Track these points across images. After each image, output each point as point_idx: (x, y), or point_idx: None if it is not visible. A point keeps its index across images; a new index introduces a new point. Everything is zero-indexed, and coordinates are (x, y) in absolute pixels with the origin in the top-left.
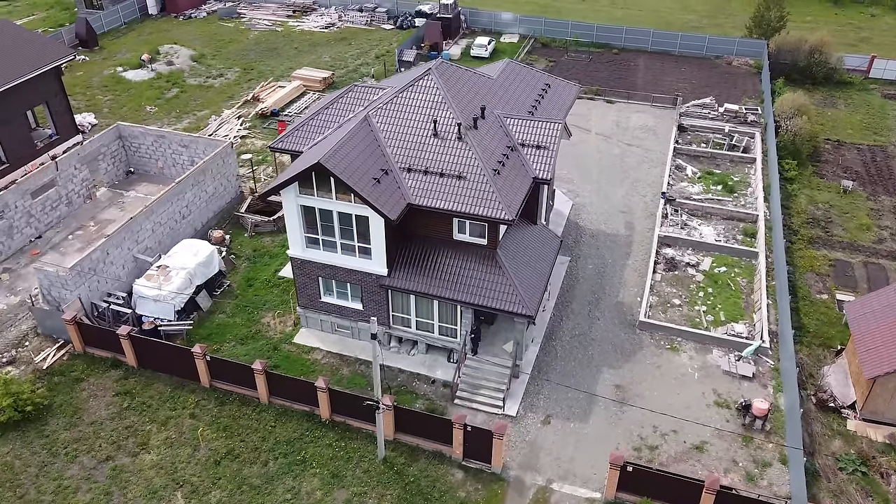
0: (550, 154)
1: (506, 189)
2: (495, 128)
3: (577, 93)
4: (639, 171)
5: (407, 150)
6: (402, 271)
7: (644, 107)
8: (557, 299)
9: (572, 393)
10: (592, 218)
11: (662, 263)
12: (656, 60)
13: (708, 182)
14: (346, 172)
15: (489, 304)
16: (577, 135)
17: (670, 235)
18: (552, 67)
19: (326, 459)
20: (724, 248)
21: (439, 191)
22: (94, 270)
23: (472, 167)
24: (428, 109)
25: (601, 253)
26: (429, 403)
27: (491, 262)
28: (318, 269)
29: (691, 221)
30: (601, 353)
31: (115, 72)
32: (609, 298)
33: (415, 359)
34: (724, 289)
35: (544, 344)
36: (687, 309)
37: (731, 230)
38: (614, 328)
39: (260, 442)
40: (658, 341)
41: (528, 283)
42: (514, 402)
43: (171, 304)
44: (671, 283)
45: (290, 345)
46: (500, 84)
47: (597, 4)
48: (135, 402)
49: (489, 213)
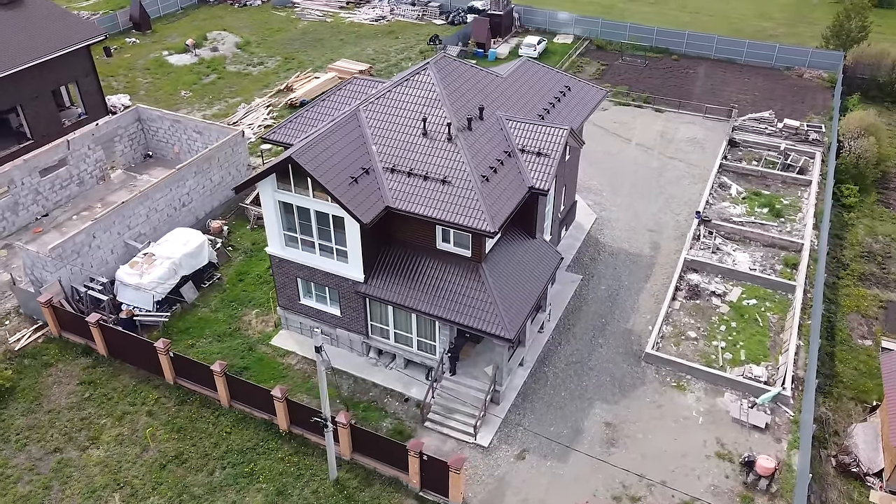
0: (551, 163)
1: (493, 198)
2: (494, 130)
3: (601, 98)
4: (676, 187)
5: (393, 149)
6: (380, 279)
7: (695, 118)
8: (560, 321)
9: (556, 426)
10: (615, 234)
11: (684, 290)
12: (718, 69)
13: (753, 203)
14: (319, 169)
15: (466, 321)
16: (616, 144)
17: (698, 260)
18: (603, 71)
19: (276, 474)
20: (757, 279)
21: (421, 195)
22: (77, 253)
23: (458, 171)
24: (420, 106)
25: (618, 273)
26: (397, 424)
27: (473, 277)
28: (297, 270)
29: (725, 246)
30: (597, 385)
31: (161, 55)
32: (617, 324)
33: (391, 373)
34: (751, 324)
35: (536, 369)
36: (703, 343)
37: (770, 259)
38: (617, 358)
39: (212, 448)
40: (664, 377)
41: (513, 302)
42: (488, 432)
43: (150, 293)
44: (690, 313)
45: (267, 346)
46: (510, 83)
47: (665, 7)
48: (96, 393)
49: (470, 223)
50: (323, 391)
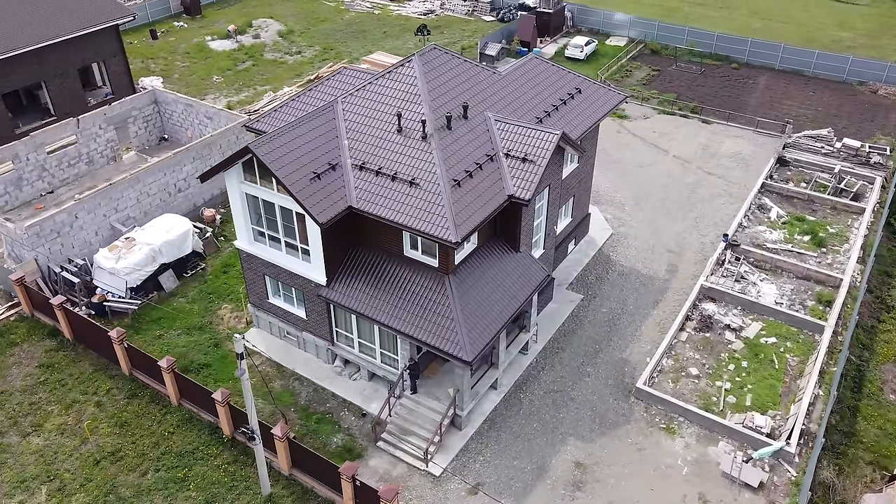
0: (536, 170)
1: (463, 205)
2: (479, 131)
3: (616, 102)
4: (709, 206)
5: (365, 145)
6: (344, 283)
7: (745, 132)
8: (548, 343)
9: (520, 460)
10: (630, 253)
11: (695, 321)
12: (781, 80)
13: (794, 230)
14: (278, 161)
15: (423, 337)
16: (650, 155)
17: (717, 288)
18: (653, 77)
19: (208, 483)
20: (781, 314)
21: (386, 196)
22: (57, 233)
23: (428, 173)
24: (399, 101)
25: (624, 296)
26: (348, 441)
27: (438, 289)
28: (264, 267)
29: (751, 274)
30: (575, 419)
31: (204, 41)
32: (612, 353)
33: (354, 385)
34: (765, 365)
35: (511, 394)
36: (705, 383)
37: (801, 293)
38: (603, 390)
39: (151, 447)
40: (652, 417)
41: (479, 321)
42: (443, 459)
43: (123, 278)
44: (697, 347)
45: (232, 344)
46: (508, 81)
47: (735, 12)
48: (52, 378)
49: (431, 231)
50: (249, 402)
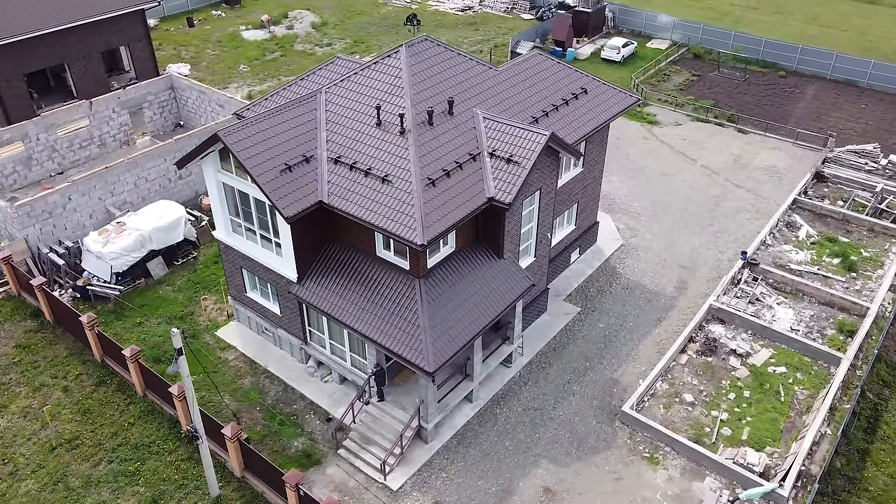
0: (520, 172)
1: (435, 205)
2: (464, 128)
3: (627, 105)
4: (732, 221)
5: (343, 138)
6: (315, 281)
7: (783, 144)
8: (535, 357)
9: (486, 480)
10: (638, 266)
11: (699, 343)
12: (831, 90)
13: (823, 251)
14: (248, 151)
15: (387, 343)
16: (676, 164)
17: (727, 309)
18: (692, 82)
19: (158, 479)
20: (796, 342)
21: (357, 192)
22: (49, 214)
23: (401, 170)
24: (381, 93)
25: (625, 312)
26: (309, 445)
27: (408, 293)
28: (241, 259)
29: (768, 297)
30: (551, 440)
31: (238, 30)
32: (602, 371)
33: (325, 388)
34: (769, 397)
35: (487, 408)
36: (700, 411)
37: (822, 320)
38: (587, 412)
39: (108, 438)
40: (636, 444)
41: (448, 330)
42: (404, 473)
43: (109, 263)
44: (697, 372)
45: (212, 336)
46: (505, 78)
47: (790, 18)
48: (27, 359)
49: (397, 231)
50: (190, 400)
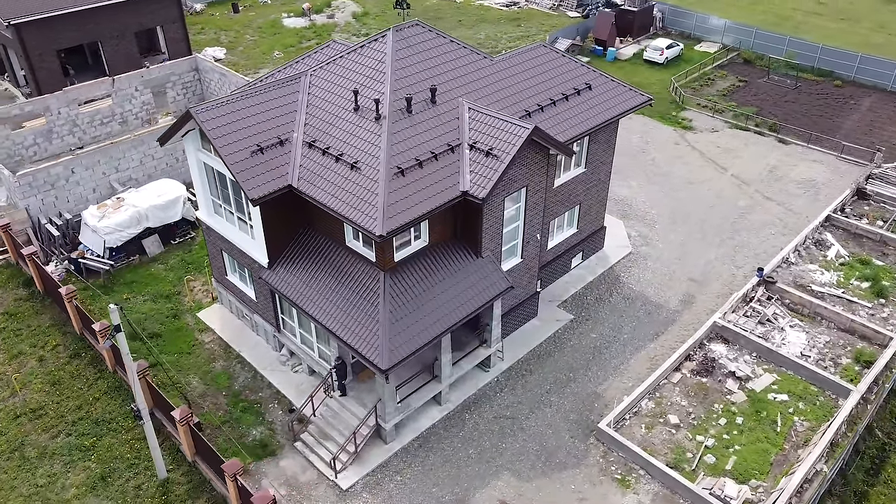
0: (497, 166)
1: (401, 196)
2: (446, 118)
3: (634, 105)
4: (755, 235)
5: (320, 122)
6: (285, 268)
7: (826, 157)
8: (517, 363)
9: (441, 488)
10: (644, 276)
11: (696, 362)
12: (890, 103)
13: (852, 274)
14: (220, 130)
15: (345, 336)
16: (705, 172)
17: (732, 328)
18: (737, 88)
19: (111, 457)
20: (804, 370)
21: (326, 178)
22: (51, 185)
23: (371, 157)
24: (363, 77)
25: (621, 323)
26: (267, 435)
27: (372, 287)
28: (220, 241)
29: (781, 318)
30: (518, 452)
31: (280, 17)
32: (585, 384)
33: (293, 378)
34: (765, 425)
35: (456, 412)
36: (685, 434)
37: (837, 348)
38: (561, 425)
39: (72, 410)
40: (609, 464)
41: (408, 327)
42: (357, 473)
43: (102, 237)
44: (689, 393)
45: (193, 317)
46: (499, 68)
47: (856, 26)
48: (11, 327)
49: (358, 220)
50: (132, 379)
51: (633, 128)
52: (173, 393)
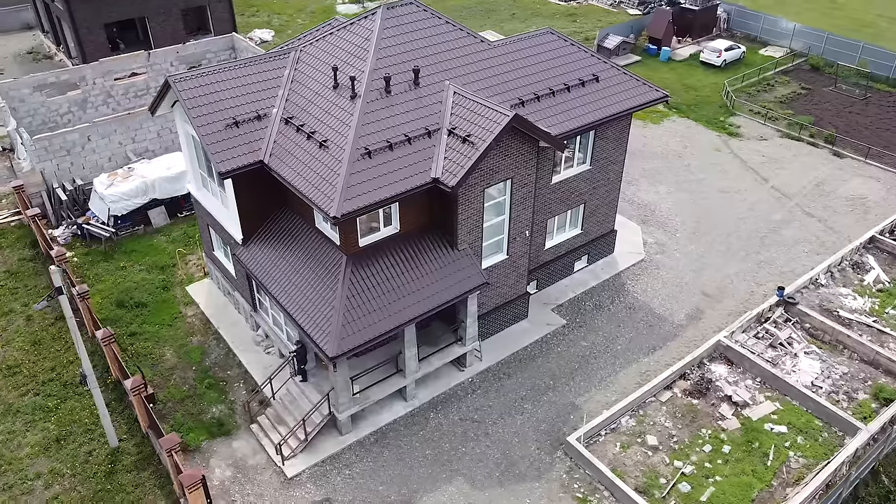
0: (472, 154)
1: (364, 178)
2: (428, 101)
3: (645, 101)
4: (785, 252)
5: (301, 98)
6: (258, 245)
7: (885, 174)
8: (497, 365)
9: (387, 487)
10: (653, 286)
11: (691, 382)
12: None
13: (889, 302)
14: (197, 100)
15: (300, 319)
16: (743, 182)
17: (739, 350)
18: (797, 96)
19: (70, 421)
20: (811, 401)
21: (296, 155)
22: (67, 151)
23: (341, 136)
24: (347, 54)
25: (616, 333)
26: (226, 415)
27: (333, 270)
28: (206, 215)
29: (796, 342)
30: (476, 458)
31: (334, 3)
32: (564, 393)
33: (265, 359)
34: (754, 457)
35: (421, 410)
36: (662, 458)
37: (855, 381)
38: (529, 434)
39: (45, 371)
40: (572, 481)
41: (365, 317)
42: (305, 462)
43: (107, 205)
44: (676, 414)
45: (182, 291)
46: (497, 53)
47: None
48: (9, 285)
49: (317, 199)
50: (77, 343)
51: (675, 131)
52: (146, 363)
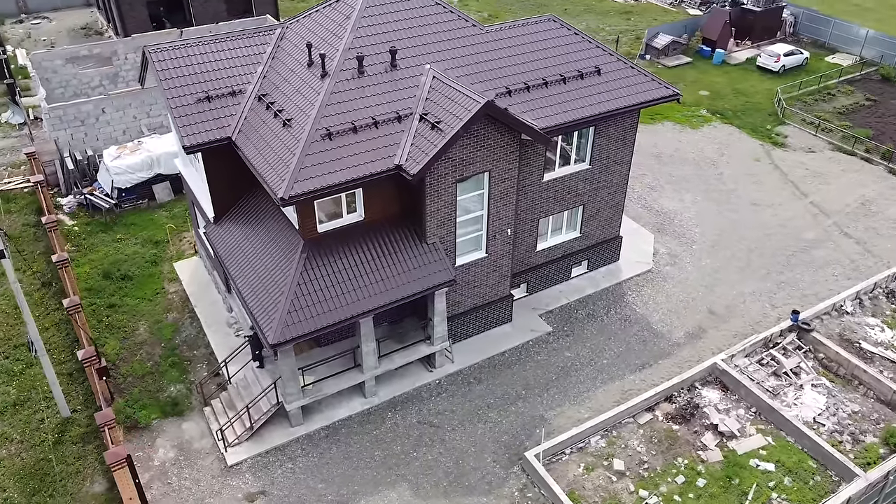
0: (438, 141)
1: (320, 160)
2: (404, 84)
3: (646, 99)
4: (811, 274)
5: (276, 75)
6: (227, 225)
7: None
8: (469, 368)
9: (326, 485)
10: (655, 299)
11: (677, 406)
12: None
13: None
14: (171, 72)
15: (250, 302)
16: (778, 195)
17: (735, 375)
18: (861, 107)
19: (31, 387)
20: (808, 439)
21: (260, 133)
22: (81, 122)
23: (304, 115)
24: (326, 32)
25: (604, 346)
26: (183, 395)
27: (289, 255)
28: (189, 192)
29: (803, 374)
30: (427, 465)
31: None
32: (534, 405)
33: (234, 342)
34: (731, 495)
35: (380, 408)
36: (626, 486)
37: (867, 422)
38: (488, 446)
39: (20, 335)
40: (525, 500)
41: (316, 305)
42: (249, 450)
43: (111, 177)
44: (653, 439)
45: (169, 266)
46: (490, 38)
47: None
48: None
49: (270, 180)
50: (24, 309)
51: (713, 137)
52: (118, 336)
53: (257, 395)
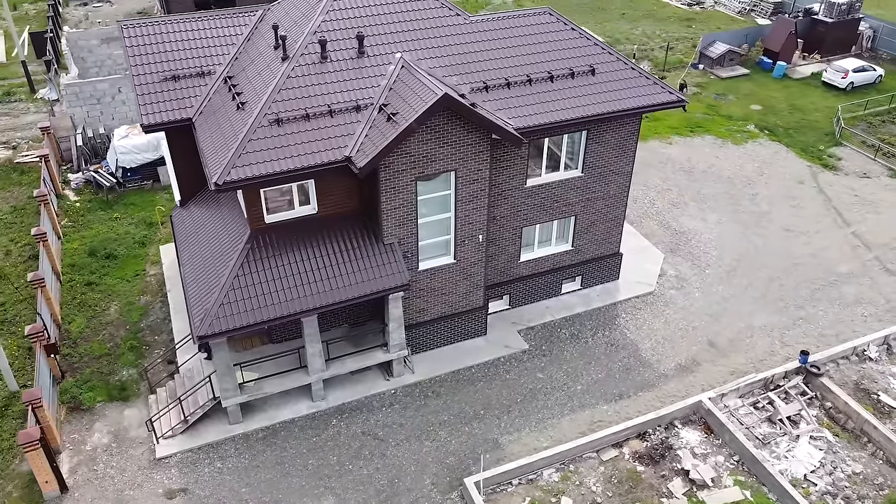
0: (391, 133)
1: (264, 146)
2: (369, 73)
3: (645, 104)
4: (836, 312)
5: (246, 57)
6: (190, 210)
7: None
8: (429, 380)
9: (250, 490)
10: (650, 325)
11: (648, 445)
12: None
13: None
14: (139, 49)
15: (191, 291)
16: (816, 222)
17: (720, 418)
18: None
19: None
20: (791, 499)
21: (217, 115)
22: (97, 100)
23: (258, 99)
24: (298, 15)
25: (583, 371)
26: (133, 380)
27: (235, 244)
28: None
29: (803, 424)
30: (360, 480)
31: None
32: (490, 428)
33: None
34: None
35: (327, 414)
36: None
37: (869, 485)
38: (430, 466)
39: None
40: None
41: (252, 298)
42: (182, 444)
43: (116, 156)
44: (613, 479)
45: (155, 248)
46: (476, 29)
47: None
48: (8, 220)
49: (209, 163)
50: None
51: (756, 154)
52: (86, 314)
53: (201, 391)
